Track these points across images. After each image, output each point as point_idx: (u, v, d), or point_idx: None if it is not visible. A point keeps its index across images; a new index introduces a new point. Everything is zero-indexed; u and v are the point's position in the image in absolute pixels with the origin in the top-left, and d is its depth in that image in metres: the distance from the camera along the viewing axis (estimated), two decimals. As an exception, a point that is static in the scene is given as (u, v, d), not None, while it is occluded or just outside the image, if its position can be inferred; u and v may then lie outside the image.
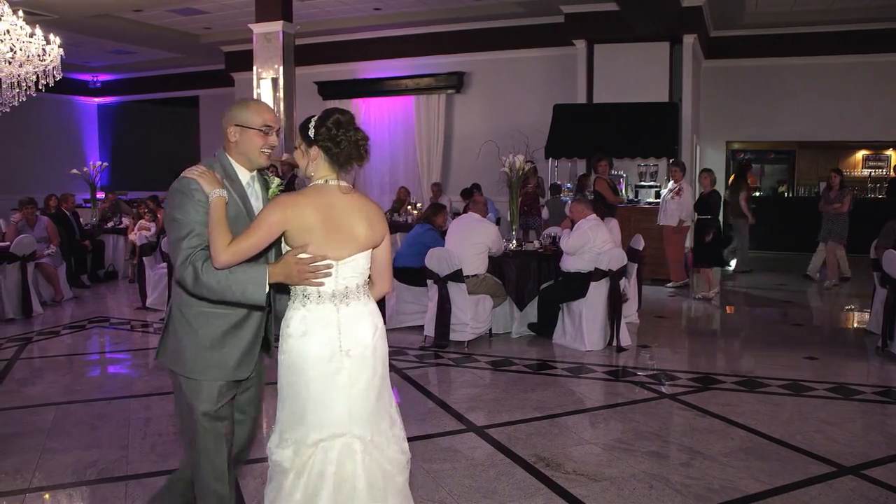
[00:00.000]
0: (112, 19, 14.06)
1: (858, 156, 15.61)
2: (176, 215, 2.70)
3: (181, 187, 2.73)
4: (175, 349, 2.87)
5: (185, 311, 2.83)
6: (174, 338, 2.87)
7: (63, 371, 6.61)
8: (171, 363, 2.88)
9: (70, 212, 11.47)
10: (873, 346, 7.19)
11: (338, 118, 2.72)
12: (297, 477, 2.67)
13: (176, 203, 2.71)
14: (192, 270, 2.63)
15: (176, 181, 2.75)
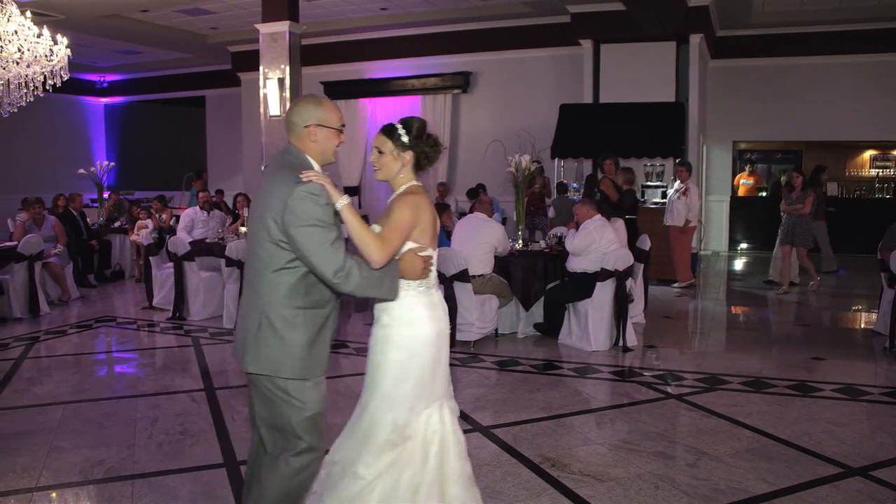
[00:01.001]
0: (119, 19, 14.09)
1: (866, 156, 15.55)
2: (321, 219, 2.72)
3: (316, 191, 2.73)
4: (275, 355, 2.82)
5: (283, 312, 2.81)
6: (272, 343, 2.82)
7: (70, 370, 6.64)
8: (274, 370, 2.83)
9: (77, 211, 11.51)
10: (881, 347, 7.16)
11: (425, 124, 3.09)
12: (412, 444, 3.02)
13: (313, 207, 2.71)
14: (355, 270, 2.75)
15: (303, 186, 2.72)
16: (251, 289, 2.89)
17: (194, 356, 7.05)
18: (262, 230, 2.79)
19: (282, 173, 2.81)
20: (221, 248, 8.54)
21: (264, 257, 2.80)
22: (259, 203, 2.86)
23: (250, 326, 2.85)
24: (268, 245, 2.78)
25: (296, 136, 2.92)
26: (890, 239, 7.56)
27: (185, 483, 4.09)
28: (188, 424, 5.05)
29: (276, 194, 2.75)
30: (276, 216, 2.73)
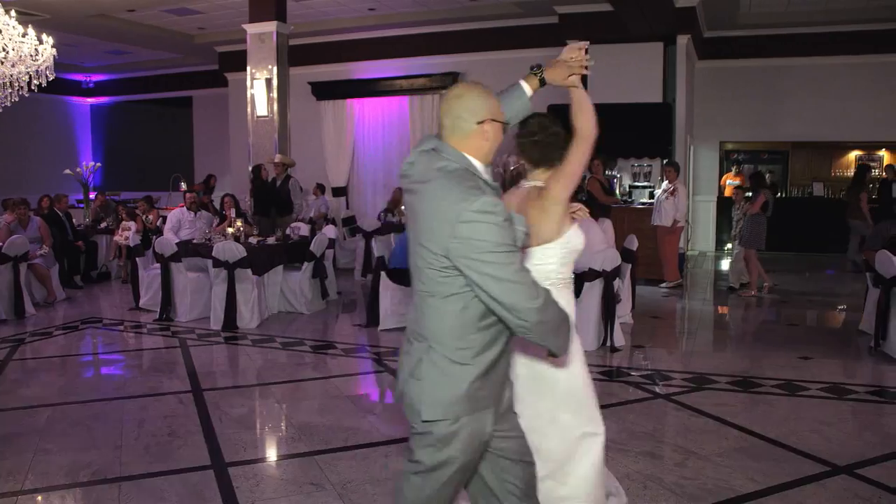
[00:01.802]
0: (106, 19, 14.02)
1: (851, 156, 15.64)
2: (509, 241, 2.17)
3: (491, 207, 2.15)
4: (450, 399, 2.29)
5: (458, 343, 2.29)
6: (452, 384, 2.28)
7: (56, 372, 6.59)
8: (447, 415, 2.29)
9: (63, 212, 11.43)
10: (866, 346, 7.20)
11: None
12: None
13: (502, 229, 2.16)
14: (547, 293, 2.25)
15: (490, 205, 2.15)
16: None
17: (181, 357, 7.02)
18: (422, 256, 2.28)
19: (442, 186, 2.24)
20: (208, 248, 8.51)
21: (425, 282, 2.32)
22: (415, 225, 2.32)
23: (424, 364, 2.35)
24: (427, 267, 2.28)
25: (461, 134, 2.34)
26: (875, 239, 7.61)
27: (172, 485, 4.07)
28: (175, 426, 5.02)
29: (435, 215, 2.21)
30: (438, 244, 2.20)
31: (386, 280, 7.91)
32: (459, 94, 2.36)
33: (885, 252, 6.88)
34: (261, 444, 4.85)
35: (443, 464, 2.30)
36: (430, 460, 2.30)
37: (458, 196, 2.16)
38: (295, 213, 11.52)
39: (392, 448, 4.58)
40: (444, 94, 2.41)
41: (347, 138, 16.22)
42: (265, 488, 4.02)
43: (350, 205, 16.16)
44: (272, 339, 7.75)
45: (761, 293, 10.30)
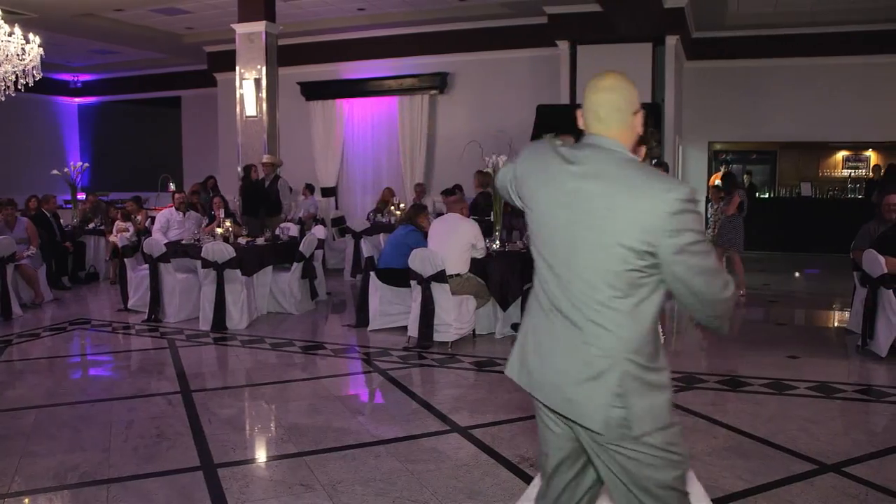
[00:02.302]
0: (93, 19, 13.95)
1: (839, 156, 15.75)
2: (701, 229, 2.12)
3: (687, 195, 2.07)
4: (659, 404, 2.17)
5: (652, 347, 2.18)
6: (654, 391, 2.17)
7: (44, 374, 6.55)
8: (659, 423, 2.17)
9: (51, 213, 11.37)
10: (854, 345, 7.24)
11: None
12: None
13: (700, 217, 2.14)
14: (730, 280, 2.17)
15: (691, 194, 2.07)
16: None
17: (170, 358, 6.99)
18: (618, 257, 2.09)
19: (639, 178, 2.11)
20: (197, 249, 8.48)
21: (605, 287, 2.13)
22: (597, 225, 2.12)
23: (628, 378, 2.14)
24: (620, 270, 2.10)
25: (621, 125, 2.24)
26: (862, 239, 7.65)
27: (161, 487, 4.06)
28: (164, 427, 5.00)
29: (638, 209, 2.06)
30: (643, 240, 2.05)
31: (375, 280, 7.90)
32: (615, 85, 2.26)
33: (872, 251, 6.92)
34: (250, 445, 4.84)
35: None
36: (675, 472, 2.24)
37: (662, 187, 2.06)
38: (284, 214, 11.49)
39: (382, 448, 4.57)
40: (592, 87, 2.28)
41: (336, 138, 16.21)
42: (254, 489, 4.01)
43: (339, 205, 16.14)
44: (261, 339, 7.73)
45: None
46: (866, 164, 15.58)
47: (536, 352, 2.29)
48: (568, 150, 2.25)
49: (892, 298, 6.64)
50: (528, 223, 2.37)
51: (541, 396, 2.28)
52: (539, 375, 2.27)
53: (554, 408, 2.24)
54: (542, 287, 2.29)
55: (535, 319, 2.32)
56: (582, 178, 2.16)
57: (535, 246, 2.33)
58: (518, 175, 2.41)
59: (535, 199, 2.31)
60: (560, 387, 2.20)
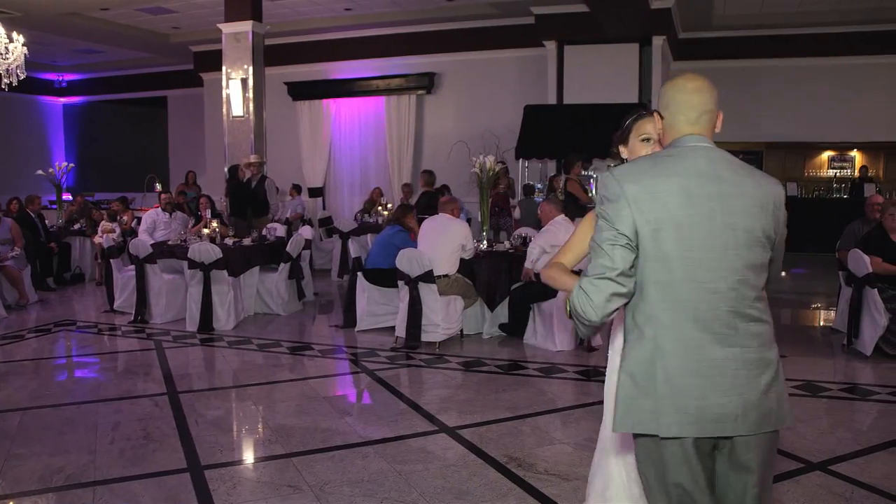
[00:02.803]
0: (78, 18, 13.87)
1: (824, 156, 15.84)
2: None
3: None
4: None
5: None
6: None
7: (29, 375, 6.51)
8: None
9: (35, 213, 11.29)
10: (839, 344, 7.29)
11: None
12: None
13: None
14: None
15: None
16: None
17: (156, 360, 6.95)
18: (752, 247, 2.15)
19: (745, 170, 2.23)
20: (184, 250, 8.44)
21: (755, 280, 2.19)
22: (731, 220, 2.13)
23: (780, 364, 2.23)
24: (762, 262, 2.19)
25: (709, 124, 2.32)
26: (847, 239, 7.70)
27: (148, 489, 4.03)
28: (151, 429, 4.98)
29: (757, 198, 2.17)
30: (767, 225, 2.17)
31: (363, 281, 7.89)
32: (701, 86, 2.30)
33: (857, 251, 6.96)
34: (237, 447, 4.82)
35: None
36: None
37: (771, 180, 2.23)
38: (271, 214, 11.46)
39: (370, 449, 4.57)
40: (682, 88, 2.30)
41: (324, 139, 16.18)
42: (242, 491, 3.99)
43: (326, 205, 16.11)
44: (248, 340, 7.70)
45: None
46: (851, 165, 15.68)
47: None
48: (702, 155, 2.22)
49: (877, 298, 6.68)
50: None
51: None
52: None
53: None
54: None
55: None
56: (721, 182, 2.17)
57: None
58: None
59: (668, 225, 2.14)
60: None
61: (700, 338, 2.10)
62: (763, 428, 2.13)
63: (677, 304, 2.12)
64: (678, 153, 2.22)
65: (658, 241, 2.11)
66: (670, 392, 2.09)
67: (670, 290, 2.12)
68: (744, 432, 2.11)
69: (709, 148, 2.23)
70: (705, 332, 2.10)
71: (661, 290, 2.13)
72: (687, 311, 2.11)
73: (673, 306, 2.12)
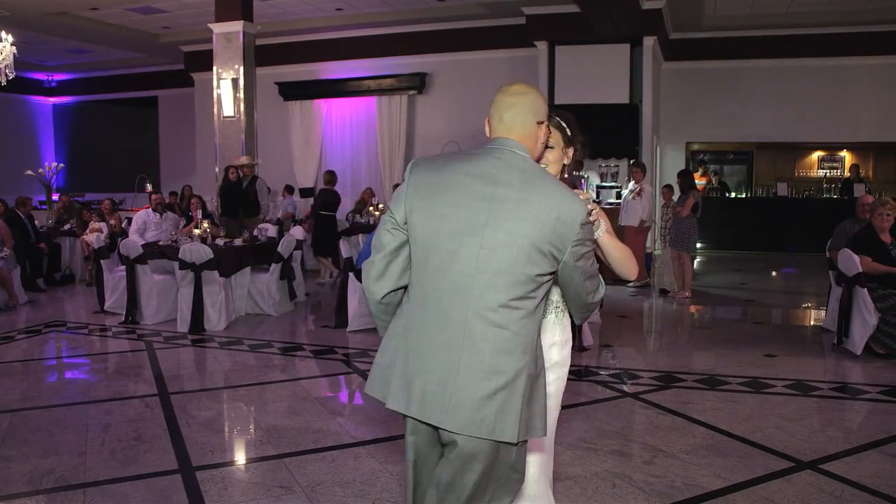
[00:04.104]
0: (68, 17, 13.81)
1: (814, 157, 15.91)
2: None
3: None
4: (539, 415, 2.35)
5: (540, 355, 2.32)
6: (536, 399, 2.31)
7: (18, 377, 6.47)
8: (538, 431, 2.37)
9: (25, 214, 11.23)
10: (829, 344, 7.32)
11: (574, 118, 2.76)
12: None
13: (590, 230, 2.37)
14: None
15: (582, 205, 2.20)
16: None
17: (147, 361, 6.93)
18: (519, 259, 2.13)
19: (539, 182, 2.17)
20: (175, 250, 8.41)
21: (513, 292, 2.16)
22: (501, 225, 2.13)
23: (523, 382, 2.24)
24: (533, 273, 2.17)
25: (524, 132, 2.30)
26: (838, 238, 7.74)
27: (138, 490, 4.02)
28: (142, 430, 4.96)
29: (538, 209, 2.12)
30: (539, 238, 2.13)
31: (354, 281, 7.88)
32: (525, 92, 2.34)
33: (847, 251, 6.99)
34: (229, 448, 4.80)
35: None
36: None
37: (568, 198, 2.21)
38: (262, 214, 11.43)
39: (361, 450, 4.56)
40: (506, 90, 2.38)
41: (315, 139, 16.16)
42: (233, 492, 3.98)
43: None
44: (240, 341, 7.68)
45: (677, 296, 10.15)
46: (841, 165, 15.75)
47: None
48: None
49: (867, 297, 6.72)
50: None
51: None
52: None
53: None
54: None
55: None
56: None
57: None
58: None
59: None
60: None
61: (436, 328, 2.19)
62: (471, 431, 2.16)
63: (425, 291, 2.21)
64: (478, 152, 2.27)
65: (422, 228, 2.20)
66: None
67: (422, 276, 2.22)
68: (450, 427, 2.17)
69: (510, 152, 2.23)
70: (441, 324, 2.18)
71: (417, 273, 2.25)
72: (430, 300, 2.20)
73: (422, 291, 2.22)
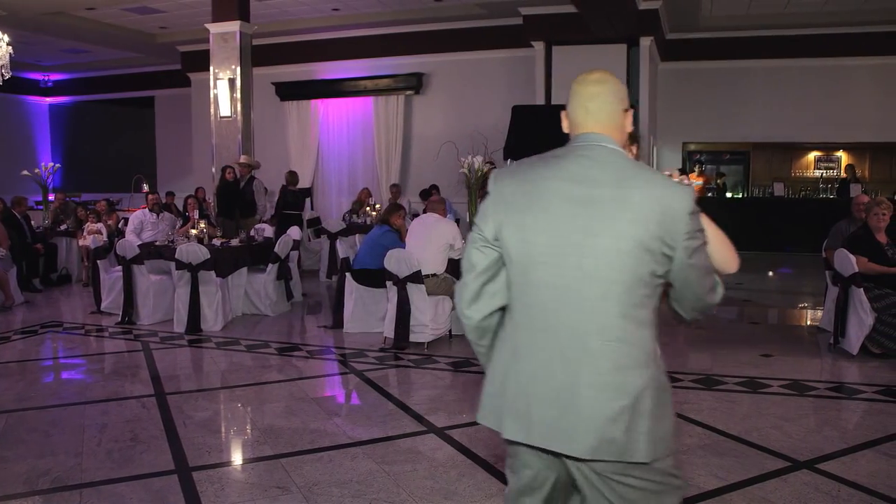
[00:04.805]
0: (65, 17, 13.79)
1: (810, 157, 15.93)
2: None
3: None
4: (667, 431, 2.09)
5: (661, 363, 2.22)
6: (664, 415, 2.12)
7: (15, 377, 6.46)
8: (667, 449, 2.08)
9: (21, 214, 11.21)
10: (826, 343, 7.33)
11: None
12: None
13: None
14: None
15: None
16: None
17: (144, 361, 6.92)
18: (627, 264, 1.99)
19: (637, 175, 2.02)
20: (171, 251, 8.40)
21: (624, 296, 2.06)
22: (595, 226, 1.97)
23: (651, 397, 2.12)
24: (646, 277, 2.08)
25: (615, 122, 2.14)
26: (834, 238, 7.75)
27: (135, 491, 4.01)
28: (138, 431, 4.95)
29: (638, 205, 1.96)
30: (646, 236, 1.98)
31: (351, 281, 7.87)
32: (607, 80, 2.16)
33: (844, 251, 7.00)
34: (225, 448, 4.80)
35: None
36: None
37: (670, 189, 2.11)
38: (259, 215, 11.43)
39: (358, 450, 4.56)
40: (583, 80, 2.22)
41: (312, 139, 16.15)
42: (230, 492, 3.98)
43: (315, 206, 16.07)
44: (236, 341, 7.68)
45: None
46: (837, 165, 15.78)
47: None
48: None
49: (863, 297, 6.72)
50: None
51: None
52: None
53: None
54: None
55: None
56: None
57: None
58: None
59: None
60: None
61: (549, 349, 2.02)
62: (599, 455, 1.97)
63: (531, 309, 2.04)
64: (564, 152, 2.11)
65: (517, 243, 2.05)
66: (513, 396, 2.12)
67: (526, 294, 2.06)
68: (577, 454, 1.99)
69: (601, 147, 2.07)
70: (555, 344, 2.01)
71: (518, 291, 2.08)
72: (539, 319, 2.03)
73: (528, 311, 2.06)
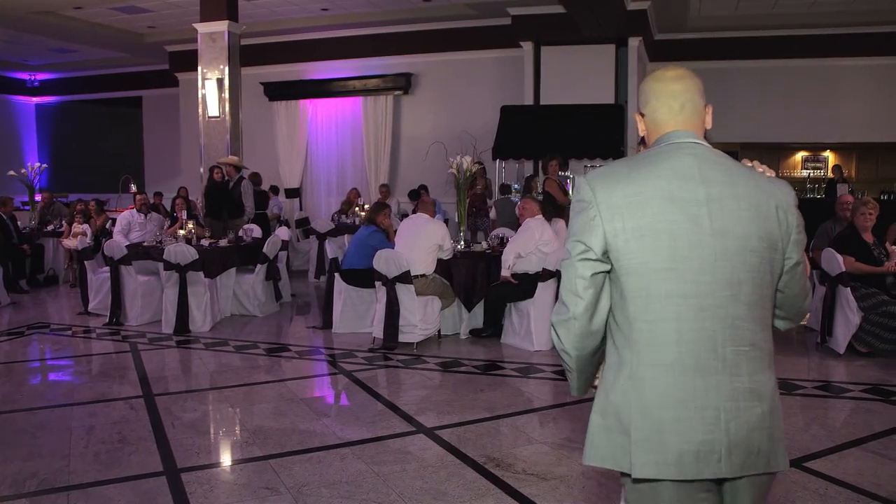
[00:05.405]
0: (51, 16, 13.70)
1: (798, 157, 16.01)
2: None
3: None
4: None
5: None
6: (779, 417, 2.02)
7: (1, 379, 6.42)
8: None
9: (7, 215, 11.14)
10: (813, 343, 7.37)
11: None
12: None
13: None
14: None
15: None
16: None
17: (132, 362, 6.89)
18: (746, 258, 1.87)
19: (739, 171, 1.95)
20: (160, 251, 8.37)
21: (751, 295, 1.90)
22: (720, 226, 1.85)
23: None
24: (767, 276, 1.93)
25: (701, 118, 2.11)
26: (820, 239, 7.79)
27: (123, 492, 4.00)
28: (126, 432, 4.93)
29: (752, 201, 1.89)
30: (765, 232, 1.90)
31: (340, 282, 7.87)
32: (686, 76, 2.15)
33: (831, 250, 7.04)
34: (214, 449, 4.79)
35: None
36: None
37: (776, 183, 2.03)
38: (247, 216, 11.39)
39: (348, 451, 4.55)
40: (661, 77, 2.17)
41: (300, 139, 16.11)
42: (219, 493, 3.97)
43: (303, 206, 16.04)
44: (225, 342, 7.66)
45: None
46: (825, 165, 15.86)
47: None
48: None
49: (850, 296, 6.77)
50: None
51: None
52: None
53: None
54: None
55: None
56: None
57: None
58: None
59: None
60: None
61: (682, 363, 1.84)
62: (748, 470, 1.87)
63: (656, 324, 1.85)
64: (660, 152, 1.97)
65: (635, 252, 1.85)
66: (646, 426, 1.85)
67: (649, 308, 1.86)
68: (727, 474, 1.85)
69: (696, 144, 1.97)
70: (689, 357, 1.84)
71: (639, 306, 1.87)
72: (668, 332, 1.84)
73: (651, 326, 1.86)
